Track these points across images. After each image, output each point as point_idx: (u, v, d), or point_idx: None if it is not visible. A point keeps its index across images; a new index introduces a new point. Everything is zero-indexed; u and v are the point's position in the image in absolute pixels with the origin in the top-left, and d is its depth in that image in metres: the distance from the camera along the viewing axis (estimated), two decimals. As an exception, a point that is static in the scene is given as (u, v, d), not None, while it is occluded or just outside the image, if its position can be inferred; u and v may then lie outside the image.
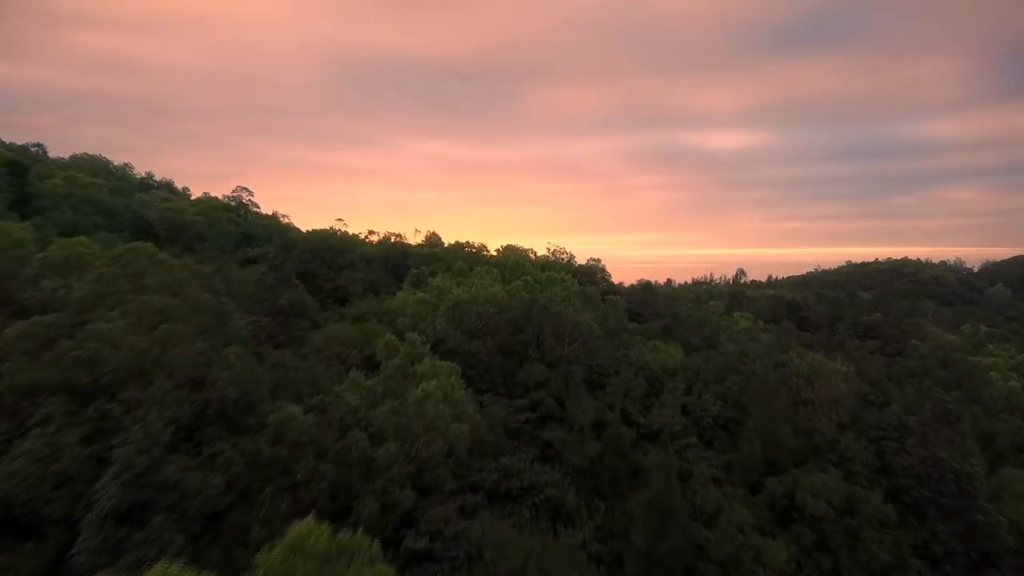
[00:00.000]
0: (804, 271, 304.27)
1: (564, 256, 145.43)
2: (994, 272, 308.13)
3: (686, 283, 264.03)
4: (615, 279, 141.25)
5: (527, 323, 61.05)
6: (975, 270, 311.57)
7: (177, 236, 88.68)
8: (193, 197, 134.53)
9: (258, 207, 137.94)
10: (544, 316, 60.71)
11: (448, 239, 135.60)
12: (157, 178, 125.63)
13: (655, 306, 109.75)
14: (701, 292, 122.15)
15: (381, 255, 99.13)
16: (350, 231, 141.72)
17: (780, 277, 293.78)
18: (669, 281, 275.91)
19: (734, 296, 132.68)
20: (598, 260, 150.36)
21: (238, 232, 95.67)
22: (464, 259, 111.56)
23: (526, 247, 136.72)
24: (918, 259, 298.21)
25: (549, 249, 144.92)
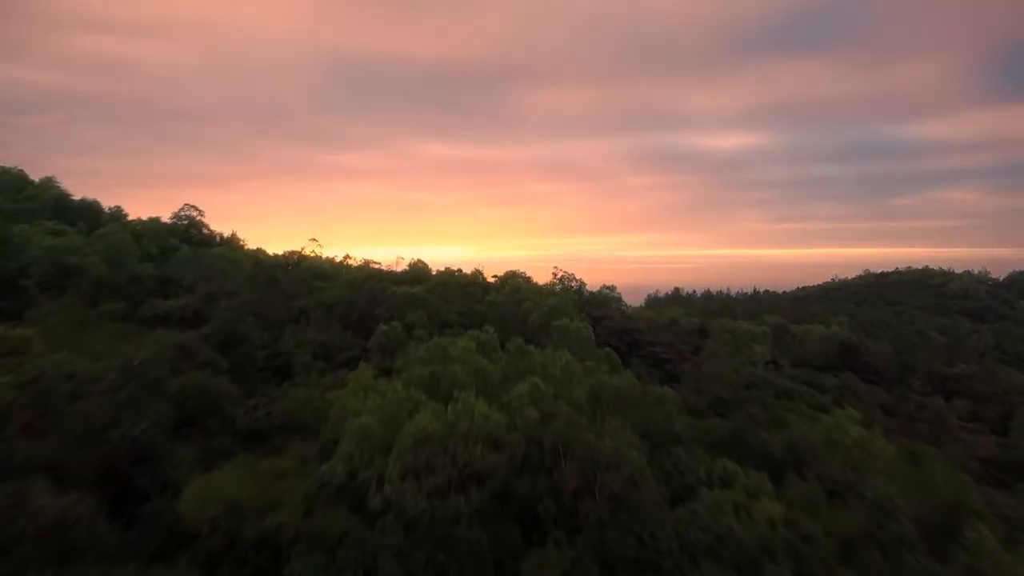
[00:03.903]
0: (819, 279, 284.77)
1: (573, 283, 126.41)
2: (1023, 283, 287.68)
3: (694, 293, 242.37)
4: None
5: (536, 453, 39.33)
6: (1000, 279, 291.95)
7: (66, 283, 66.82)
8: (133, 217, 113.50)
9: (208, 228, 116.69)
10: (561, 438, 39.05)
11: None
12: (77, 197, 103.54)
13: (689, 356, 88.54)
14: (740, 333, 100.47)
15: (344, 300, 77.00)
16: (325, 254, 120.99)
17: (795, 288, 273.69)
18: (677, 290, 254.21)
19: (778, 336, 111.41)
20: (613, 287, 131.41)
21: (154, 276, 73.52)
22: (450, 297, 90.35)
23: (530, 274, 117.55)
24: (942, 269, 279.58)
25: (555, 275, 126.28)
